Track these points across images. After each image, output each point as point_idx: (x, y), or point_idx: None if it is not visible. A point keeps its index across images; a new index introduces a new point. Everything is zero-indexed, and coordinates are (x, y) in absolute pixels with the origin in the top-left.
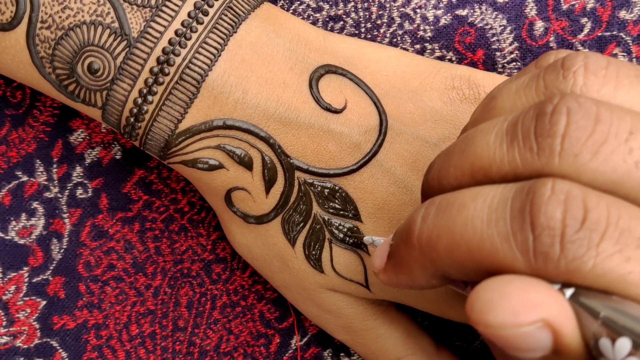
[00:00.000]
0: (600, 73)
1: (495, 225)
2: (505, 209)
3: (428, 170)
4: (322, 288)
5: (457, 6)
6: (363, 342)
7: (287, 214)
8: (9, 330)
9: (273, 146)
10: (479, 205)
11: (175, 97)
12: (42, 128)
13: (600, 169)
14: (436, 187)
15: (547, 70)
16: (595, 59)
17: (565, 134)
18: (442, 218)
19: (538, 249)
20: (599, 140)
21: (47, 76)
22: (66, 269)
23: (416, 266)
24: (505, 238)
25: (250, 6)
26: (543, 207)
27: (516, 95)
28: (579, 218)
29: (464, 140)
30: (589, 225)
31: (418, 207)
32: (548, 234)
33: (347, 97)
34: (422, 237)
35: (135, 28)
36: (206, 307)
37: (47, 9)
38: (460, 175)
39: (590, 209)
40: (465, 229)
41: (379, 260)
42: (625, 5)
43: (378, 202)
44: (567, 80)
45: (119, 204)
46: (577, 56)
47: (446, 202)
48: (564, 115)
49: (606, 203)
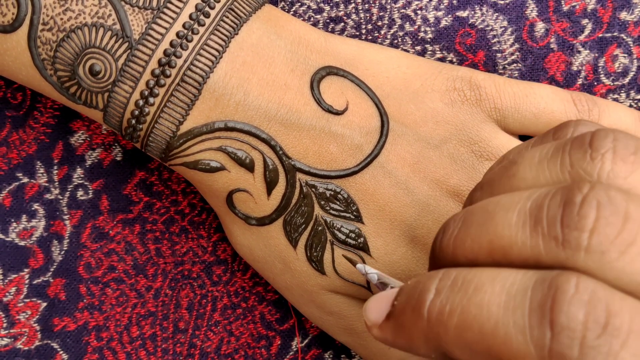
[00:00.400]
0: (629, 159)
1: (513, 315)
2: (525, 298)
3: (441, 233)
4: (324, 290)
5: (457, 7)
6: (365, 344)
7: (288, 216)
8: (10, 332)
9: (274, 148)
10: (497, 290)
11: (176, 99)
12: (42, 129)
13: (626, 270)
14: (450, 255)
15: (574, 146)
16: (625, 144)
17: (594, 229)
18: (457, 296)
19: (555, 348)
20: (628, 239)
21: (49, 78)
22: (67, 270)
23: (419, 336)
24: (521, 330)
25: (252, 8)
26: (565, 305)
27: (539, 167)
28: (601, 322)
29: (484, 212)
30: (610, 331)
31: (431, 274)
32: (568, 335)
33: (348, 99)
34: (432, 311)
35: (137, 30)
36: (207, 309)
37: (48, 11)
38: (478, 250)
39: (614, 313)
40: (480, 311)
41: (375, 314)
42: (626, 6)
43: (379, 204)
44: (595, 163)
45: (119, 205)
46: (606, 137)
47: (462, 279)
48: (594, 209)
49: (629, 308)
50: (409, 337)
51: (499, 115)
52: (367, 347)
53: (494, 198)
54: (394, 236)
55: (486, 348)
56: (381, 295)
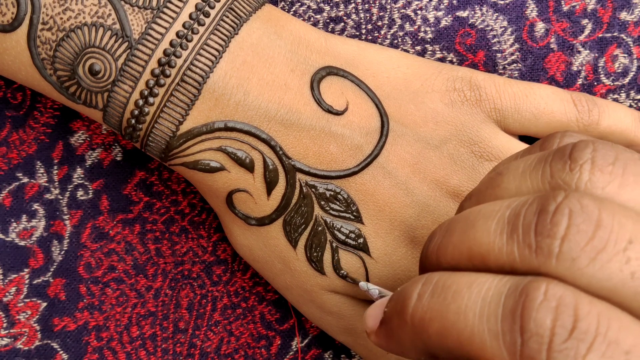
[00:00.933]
0: (606, 169)
1: (487, 321)
2: (498, 305)
3: (428, 242)
4: (324, 290)
5: (457, 8)
6: (364, 344)
7: (288, 216)
8: (10, 332)
9: (274, 148)
10: (473, 296)
11: (176, 98)
12: (42, 130)
13: (596, 276)
14: (434, 262)
15: (555, 157)
16: (603, 154)
17: (564, 237)
18: (437, 301)
19: (525, 353)
20: (598, 246)
21: (48, 78)
22: (67, 270)
23: (407, 341)
24: (495, 336)
25: (252, 8)
26: (534, 312)
27: (522, 178)
28: (568, 327)
29: (466, 220)
30: (577, 335)
31: (415, 279)
32: (536, 340)
33: (348, 99)
34: (415, 316)
35: (137, 30)
36: (207, 309)
37: (48, 11)
38: (458, 256)
39: (581, 317)
40: (457, 318)
41: (372, 321)
42: (626, 7)
43: (379, 204)
44: (573, 173)
45: (119, 205)
46: (585, 148)
47: (442, 284)
48: (566, 217)
49: (597, 312)
50: (398, 342)
51: (499, 116)
52: (367, 347)
53: (476, 207)
54: (394, 236)
55: (465, 353)
56: (377, 303)
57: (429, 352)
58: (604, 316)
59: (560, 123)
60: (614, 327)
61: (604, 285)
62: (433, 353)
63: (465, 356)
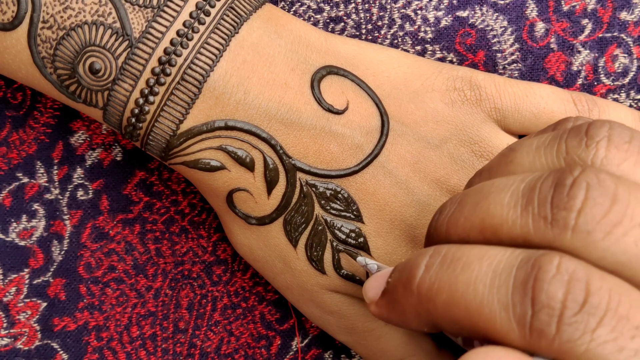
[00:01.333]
0: (622, 147)
1: (497, 292)
2: (509, 277)
3: (437, 213)
4: (324, 289)
5: (457, 7)
6: (365, 344)
7: (288, 215)
8: (10, 332)
9: (275, 147)
10: (484, 268)
11: (176, 97)
12: (42, 129)
13: (610, 249)
14: (443, 234)
15: (571, 134)
16: (620, 132)
17: (581, 210)
18: (446, 272)
19: (535, 324)
20: (614, 220)
21: (49, 76)
22: (67, 270)
23: (411, 311)
24: (505, 307)
25: (252, 7)
26: (546, 285)
27: (536, 153)
28: (579, 300)
29: (478, 193)
30: (588, 309)
31: (422, 251)
32: (547, 312)
33: (348, 98)
34: (422, 286)
35: (137, 28)
36: (207, 309)
37: (48, 9)
38: (470, 228)
39: (593, 292)
40: (467, 289)
41: (372, 292)
42: (626, 7)
43: (380, 203)
44: (589, 149)
45: (119, 205)
46: (602, 125)
47: (452, 255)
48: (583, 190)
49: (609, 287)
50: (401, 312)
51: (499, 115)
52: (367, 347)
53: (489, 181)
54: (394, 236)
55: (472, 324)
56: (378, 274)
57: (433, 323)
58: (615, 291)
59: None
60: (625, 302)
61: (618, 259)
62: (438, 324)
63: (472, 327)
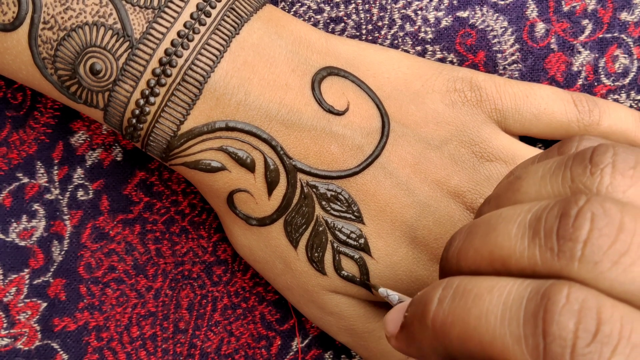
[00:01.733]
0: (627, 173)
1: (509, 325)
2: (520, 309)
3: (448, 245)
4: (325, 290)
5: (458, 8)
6: (365, 345)
7: (289, 216)
8: (10, 332)
9: (275, 148)
10: (495, 300)
11: (177, 98)
12: (43, 130)
13: (619, 279)
14: (455, 266)
15: (575, 161)
16: (624, 158)
17: (587, 240)
18: (458, 306)
19: (548, 356)
20: (620, 250)
21: (49, 77)
22: (67, 270)
23: (428, 345)
24: (517, 340)
25: (253, 8)
26: (557, 316)
27: (542, 182)
28: (591, 330)
29: (487, 224)
30: (600, 338)
31: (435, 284)
32: (559, 344)
33: (349, 99)
34: (436, 321)
35: (138, 29)
36: (207, 309)
37: (49, 10)
38: (479, 260)
39: (604, 321)
40: (479, 322)
41: (392, 326)
42: (626, 7)
43: (380, 204)
44: (594, 177)
45: (119, 205)
46: (606, 152)
47: (463, 288)
48: (588, 220)
49: (620, 315)
50: (419, 346)
51: (499, 116)
52: (368, 348)
53: (497, 211)
54: (395, 237)
55: (487, 357)
56: (398, 307)
57: (450, 356)
58: (627, 319)
59: (561, 123)
60: (638, 330)
61: (627, 288)
62: (454, 357)
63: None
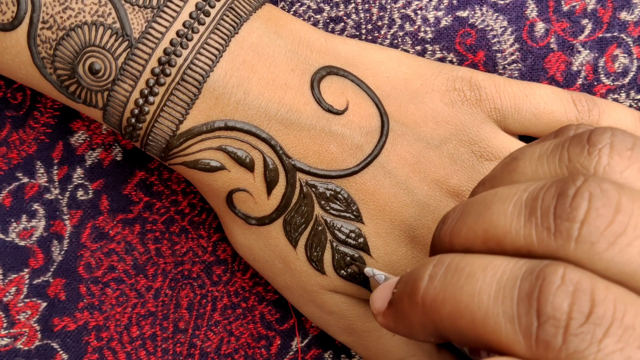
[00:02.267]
0: (625, 154)
1: (502, 304)
2: (514, 288)
3: (441, 223)
4: (324, 289)
5: (457, 7)
6: (364, 344)
7: (288, 216)
8: (10, 332)
9: (274, 147)
10: (488, 279)
11: (176, 97)
12: (42, 130)
13: (614, 260)
14: (447, 244)
15: (573, 142)
16: (622, 139)
17: (584, 220)
18: (450, 283)
19: (541, 336)
20: (617, 231)
21: (48, 77)
22: (67, 270)
23: (417, 322)
24: (510, 319)
25: (252, 7)
26: (551, 296)
27: (539, 162)
28: (585, 311)
29: (482, 202)
30: (594, 319)
31: (426, 261)
32: (552, 324)
33: (348, 99)
34: (426, 298)
35: (137, 29)
36: (207, 309)
37: (48, 10)
38: (473, 238)
39: (598, 302)
40: (471, 300)
41: (379, 303)
42: (626, 7)
43: (380, 204)
44: (592, 157)
45: (119, 205)
46: (604, 133)
47: (455, 265)
48: (586, 200)
49: (614, 297)
50: (407, 323)
51: (498, 116)
52: (367, 347)
53: (492, 190)
54: (394, 236)
55: (478, 335)
56: (385, 284)
57: (439, 334)
58: (620, 301)
59: (560, 123)
60: (631, 312)
61: (622, 269)
62: (443, 335)
63: (478, 338)
